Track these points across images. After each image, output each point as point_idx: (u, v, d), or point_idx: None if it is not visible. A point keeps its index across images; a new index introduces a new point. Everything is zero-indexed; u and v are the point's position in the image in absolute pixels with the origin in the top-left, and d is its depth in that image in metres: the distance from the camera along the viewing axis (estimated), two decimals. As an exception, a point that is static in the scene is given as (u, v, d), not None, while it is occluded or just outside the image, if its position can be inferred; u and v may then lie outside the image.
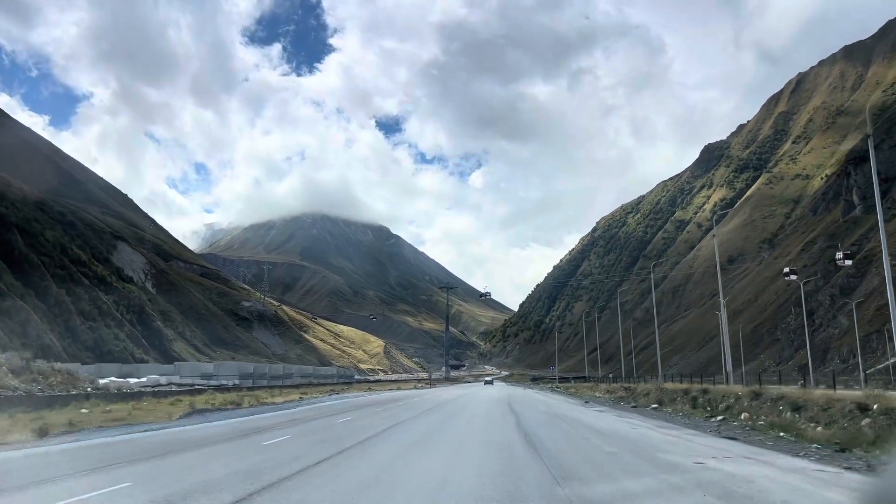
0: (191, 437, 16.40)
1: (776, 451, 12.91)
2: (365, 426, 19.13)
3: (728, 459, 11.53)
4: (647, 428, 18.46)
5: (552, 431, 17.59)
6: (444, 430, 18.53)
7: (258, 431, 17.62)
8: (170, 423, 20.73)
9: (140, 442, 15.19)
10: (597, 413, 26.18)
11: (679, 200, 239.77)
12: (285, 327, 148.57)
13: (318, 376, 75.62)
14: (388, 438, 15.44)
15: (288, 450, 13.14)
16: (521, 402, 33.84)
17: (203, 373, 45.67)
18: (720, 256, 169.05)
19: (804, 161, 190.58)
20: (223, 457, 12.33)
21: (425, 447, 14.35)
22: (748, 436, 15.89)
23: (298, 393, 42.11)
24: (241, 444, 14.70)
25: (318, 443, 14.60)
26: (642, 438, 15.67)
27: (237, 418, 23.39)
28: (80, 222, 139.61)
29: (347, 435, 16.23)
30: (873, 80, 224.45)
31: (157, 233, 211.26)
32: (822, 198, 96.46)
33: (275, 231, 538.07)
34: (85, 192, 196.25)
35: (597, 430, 17.81)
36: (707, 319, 77.53)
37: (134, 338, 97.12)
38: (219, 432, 17.68)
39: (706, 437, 16.20)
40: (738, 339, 56.97)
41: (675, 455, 12.23)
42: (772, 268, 77.70)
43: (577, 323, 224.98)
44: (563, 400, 39.93)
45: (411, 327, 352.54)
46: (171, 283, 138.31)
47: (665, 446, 13.84)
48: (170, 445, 14.18)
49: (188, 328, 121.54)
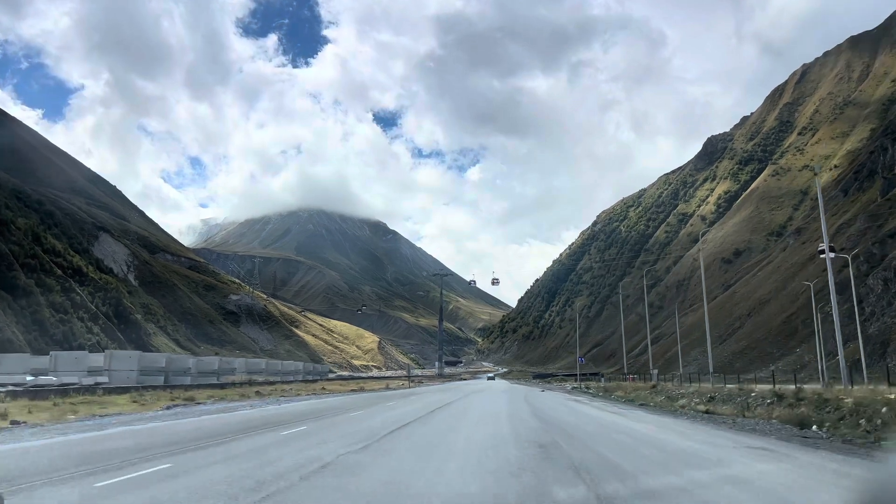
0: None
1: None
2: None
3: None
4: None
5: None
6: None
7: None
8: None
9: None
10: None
11: (682, 193, 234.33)
12: (274, 322, 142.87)
13: (273, 372, 65.70)
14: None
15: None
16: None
17: (91, 367, 35.06)
18: (724, 251, 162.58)
19: (812, 151, 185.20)
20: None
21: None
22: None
23: (208, 394, 32.13)
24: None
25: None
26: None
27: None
28: (60, 212, 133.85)
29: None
30: (881, 70, 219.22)
31: (146, 225, 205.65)
32: (854, 177, 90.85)
33: (270, 226, 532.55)
34: (70, 182, 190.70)
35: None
36: (726, 311, 71.99)
37: (109, 331, 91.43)
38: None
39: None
40: (767, 331, 51.65)
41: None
42: (799, 253, 71.95)
43: (578, 318, 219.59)
44: (664, 422, 19.64)
45: (408, 323, 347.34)
46: (154, 276, 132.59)
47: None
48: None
49: (170, 322, 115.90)
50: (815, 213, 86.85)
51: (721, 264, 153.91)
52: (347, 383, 66.52)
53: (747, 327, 56.29)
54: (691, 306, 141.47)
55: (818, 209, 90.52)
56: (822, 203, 32.94)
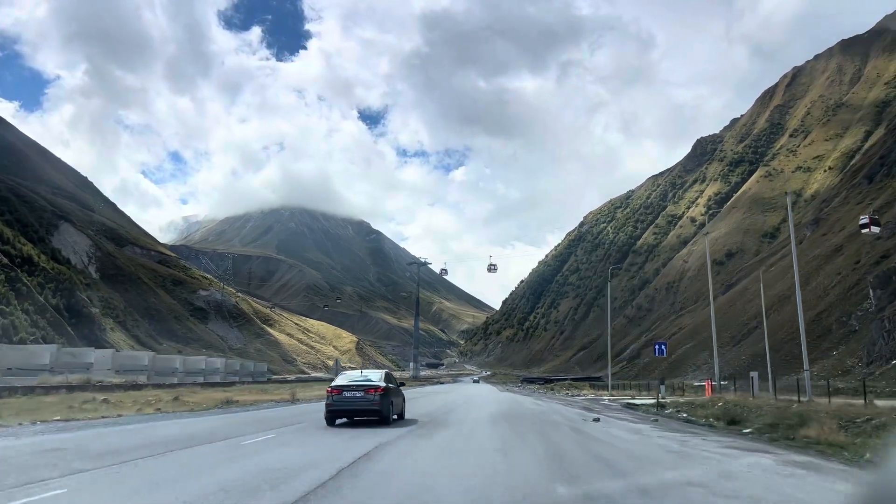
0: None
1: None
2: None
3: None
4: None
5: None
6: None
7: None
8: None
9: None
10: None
11: (671, 195, 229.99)
12: (245, 320, 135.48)
13: (160, 370, 51.03)
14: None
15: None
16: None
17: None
18: (715, 253, 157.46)
19: (805, 153, 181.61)
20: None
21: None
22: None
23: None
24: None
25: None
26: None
27: None
28: (18, 199, 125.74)
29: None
30: (873, 73, 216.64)
31: (116, 217, 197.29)
32: (879, 163, 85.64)
33: (251, 224, 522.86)
34: (35, 171, 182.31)
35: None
36: (736, 310, 65.84)
37: (57, 325, 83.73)
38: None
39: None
40: (791, 332, 45.63)
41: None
42: (821, 245, 65.96)
43: (564, 321, 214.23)
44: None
45: (390, 324, 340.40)
46: (118, 269, 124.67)
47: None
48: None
49: (131, 317, 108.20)
50: (830, 205, 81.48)
51: (713, 266, 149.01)
52: (277, 389, 48.47)
53: (766, 328, 50.66)
54: (682, 309, 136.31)
55: (829, 201, 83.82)
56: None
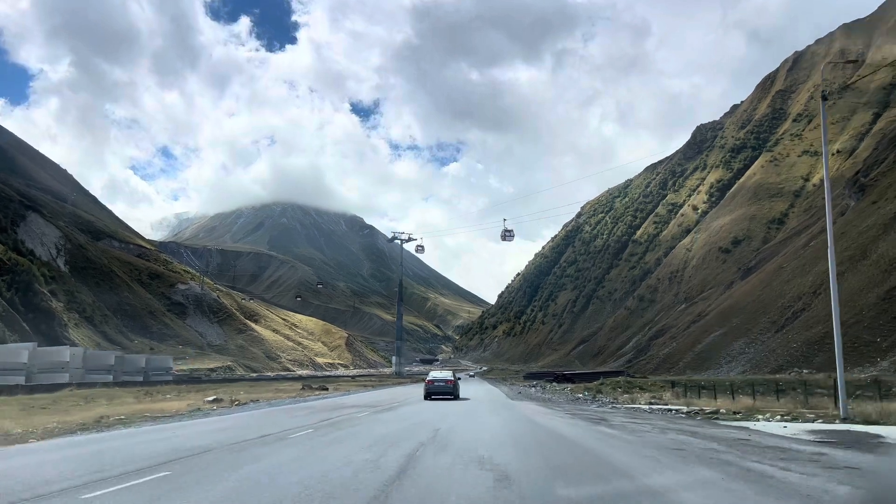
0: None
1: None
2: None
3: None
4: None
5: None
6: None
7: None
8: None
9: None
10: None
11: (671, 183, 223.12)
12: (227, 315, 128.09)
13: (47, 367, 44.00)
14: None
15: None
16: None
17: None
18: (721, 241, 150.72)
19: (811, 137, 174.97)
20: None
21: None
22: None
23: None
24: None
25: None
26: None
27: None
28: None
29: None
30: (878, 56, 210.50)
31: (96, 210, 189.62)
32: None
33: (243, 219, 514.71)
34: (8, 162, 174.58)
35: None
36: (773, 291, 57.32)
37: (10, 320, 76.41)
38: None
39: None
40: (856, 313, 38.64)
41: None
42: (876, 214, 58.02)
43: (562, 314, 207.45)
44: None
45: (383, 320, 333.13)
46: (88, 262, 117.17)
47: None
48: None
49: (99, 312, 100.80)
50: (878, 168, 73.32)
51: (719, 254, 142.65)
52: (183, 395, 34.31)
53: (816, 308, 42.93)
54: (688, 298, 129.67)
55: (872, 167, 75.26)
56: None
